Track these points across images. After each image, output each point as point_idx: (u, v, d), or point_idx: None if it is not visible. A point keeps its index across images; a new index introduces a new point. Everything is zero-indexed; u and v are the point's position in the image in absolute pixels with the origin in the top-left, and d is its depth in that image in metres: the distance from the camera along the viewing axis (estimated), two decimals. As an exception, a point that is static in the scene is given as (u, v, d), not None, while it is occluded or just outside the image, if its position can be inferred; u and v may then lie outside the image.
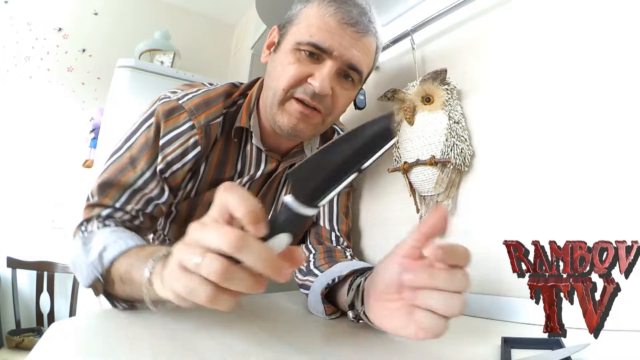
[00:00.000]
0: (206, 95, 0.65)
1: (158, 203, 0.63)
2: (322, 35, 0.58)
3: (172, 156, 0.61)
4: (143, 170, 0.60)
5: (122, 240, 0.50)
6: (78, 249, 0.53)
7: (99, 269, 0.48)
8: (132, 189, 0.60)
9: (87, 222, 0.58)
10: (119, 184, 0.59)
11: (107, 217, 0.59)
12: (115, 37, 2.24)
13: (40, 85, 2.08)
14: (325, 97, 0.60)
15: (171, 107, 0.62)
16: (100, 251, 0.49)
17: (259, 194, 0.72)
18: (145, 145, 0.61)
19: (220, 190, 0.32)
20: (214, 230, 0.30)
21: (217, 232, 0.30)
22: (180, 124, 0.62)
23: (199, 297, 0.30)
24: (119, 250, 0.48)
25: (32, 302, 1.82)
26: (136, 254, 0.47)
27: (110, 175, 0.60)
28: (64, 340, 0.39)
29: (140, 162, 0.60)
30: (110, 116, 1.70)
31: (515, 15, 0.68)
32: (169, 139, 0.61)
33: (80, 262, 0.51)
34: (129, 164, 0.60)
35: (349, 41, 0.59)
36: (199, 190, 0.68)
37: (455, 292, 0.33)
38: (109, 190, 0.59)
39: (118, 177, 0.60)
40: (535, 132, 0.61)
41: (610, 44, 0.54)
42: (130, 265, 0.45)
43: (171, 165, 0.62)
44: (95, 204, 0.59)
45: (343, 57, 0.59)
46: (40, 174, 2.02)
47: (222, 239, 0.29)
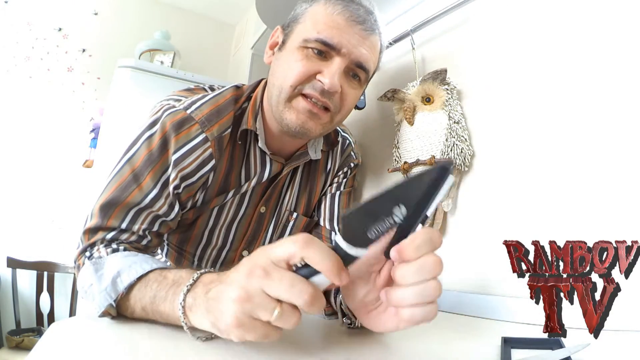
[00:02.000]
0: (215, 104, 0.62)
1: (165, 220, 0.59)
2: (331, 32, 0.57)
3: (187, 170, 0.58)
4: (149, 188, 0.57)
5: (137, 265, 0.47)
6: (90, 275, 0.49)
7: (113, 295, 0.45)
8: (137, 208, 0.56)
9: (91, 248, 0.54)
10: (123, 204, 0.55)
11: (111, 240, 0.55)
12: (115, 37, 2.24)
13: (40, 85, 2.08)
14: (334, 94, 0.59)
15: (180, 118, 0.58)
16: (114, 277, 0.46)
17: (263, 197, 0.72)
18: (149, 159, 0.57)
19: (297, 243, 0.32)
20: (287, 284, 0.31)
21: (293, 288, 0.31)
22: (193, 136, 0.59)
23: (271, 339, 0.33)
24: (135, 275, 0.45)
25: (32, 302, 1.82)
26: (157, 283, 0.44)
27: (112, 195, 0.56)
28: (64, 340, 0.39)
29: (145, 178, 0.56)
30: (110, 116, 1.70)
31: (515, 15, 0.68)
32: (183, 153, 0.58)
33: (92, 290, 0.48)
34: (133, 180, 0.56)
35: (357, 39, 0.59)
36: (206, 198, 0.66)
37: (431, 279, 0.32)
38: (112, 211, 0.55)
39: (122, 197, 0.55)
40: (535, 132, 0.61)
41: (610, 44, 0.54)
42: (154, 297, 0.43)
43: (185, 180, 0.59)
44: (98, 227, 0.55)
45: (351, 55, 0.59)
46: (40, 174, 2.02)
47: (299, 296, 0.31)
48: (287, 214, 0.75)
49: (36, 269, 1.82)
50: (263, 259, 0.33)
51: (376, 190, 0.31)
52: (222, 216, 0.70)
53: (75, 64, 2.17)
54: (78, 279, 0.53)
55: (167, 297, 0.41)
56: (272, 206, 0.74)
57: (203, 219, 0.69)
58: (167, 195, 0.58)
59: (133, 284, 0.45)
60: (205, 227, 0.70)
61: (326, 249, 0.32)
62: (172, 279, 0.43)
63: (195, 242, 0.72)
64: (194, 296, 0.38)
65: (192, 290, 0.38)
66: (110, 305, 0.45)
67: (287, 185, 0.74)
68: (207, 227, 0.70)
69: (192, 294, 0.38)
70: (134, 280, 0.45)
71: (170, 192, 0.58)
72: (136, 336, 0.41)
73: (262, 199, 0.72)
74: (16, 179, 1.98)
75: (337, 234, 0.34)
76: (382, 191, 0.30)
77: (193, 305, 0.37)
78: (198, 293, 0.37)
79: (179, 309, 0.38)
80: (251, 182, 0.68)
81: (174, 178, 0.58)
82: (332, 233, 0.76)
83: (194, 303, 0.37)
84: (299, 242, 0.32)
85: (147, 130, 0.59)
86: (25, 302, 1.84)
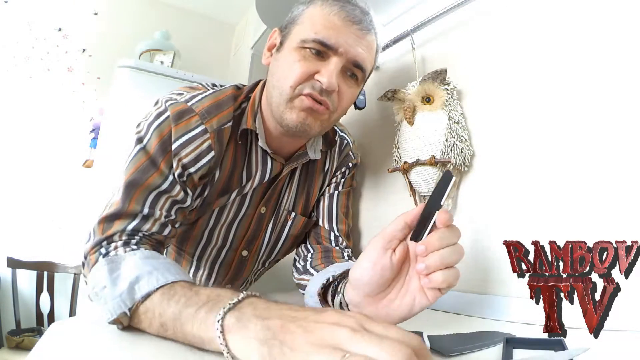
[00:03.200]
0: (215, 98, 0.63)
1: (182, 207, 0.60)
2: (328, 33, 0.58)
3: (187, 159, 0.59)
4: (166, 173, 0.57)
5: (158, 272, 0.43)
6: (103, 277, 0.45)
7: (128, 303, 0.41)
8: (157, 191, 0.56)
9: (107, 243, 0.50)
10: (144, 185, 0.55)
11: (132, 232, 0.52)
12: (115, 37, 2.24)
13: (40, 85, 2.08)
14: (332, 93, 0.60)
15: (180, 109, 0.59)
16: (132, 282, 0.42)
17: (264, 198, 0.72)
18: (162, 146, 0.58)
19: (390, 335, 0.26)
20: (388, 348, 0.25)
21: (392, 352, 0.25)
22: (192, 127, 0.59)
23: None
24: (156, 284, 0.41)
25: (32, 302, 1.82)
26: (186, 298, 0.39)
27: (133, 176, 0.55)
28: (64, 340, 0.39)
29: (161, 164, 0.57)
30: (110, 116, 1.70)
31: (515, 16, 0.68)
32: (182, 142, 0.58)
33: (105, 294, 0.43)
34: (151, 164, 0.57)
35: (353, 39, 0.59)
36: (209, 198, 0.66)
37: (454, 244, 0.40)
38: (134, 192, 0.54)
39: (143, 178, 0.55)
40: (535, 132, 0.61)
41: (609, 44, 0.54)
42: (179, 314, 0.37)
43: (186, 169, 0.59)
44: (118, 213, 0.52)
45: (348, 54, 0.59)
46: (40, 174, 2.02)
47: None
48: (285, 214, 0.76)
49: (36, 269, 1.82)
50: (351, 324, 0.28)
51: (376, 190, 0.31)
52: (223, 216, 0.70)
53: (75, 64, 2.17)
54: (88, 277, 0.48)
55: (198, 315, 0.35)
56: (272, 206, 0.74)
57: (204, 219, 0.69)
58: (179, 183, 0.59)
59: (151, 293, 0.41)
60: (205, 226, 0.70)
61: (422, 346, 0.26)
62: (207, 296, 0.38)
63: (195, 241, 0.72)
64: (239, 317, 0.32)
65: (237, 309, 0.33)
66: (124, 314, 0.41)
67: (285, 185, 0.75)
68: (208, 227, 0.70)
69: (234, 319, 0.32)
70: (153, 290, 0.41)
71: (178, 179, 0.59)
72: (136, 336, 0.41)
73: (262, 200, 0.72)
74: (16, 179, 1.98)
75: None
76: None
77: (234, 326, 0.32)
78: (246, 314, 0.32)
79: (216, 327, 0.32)
80: (253, 182, 0.68)
81: (177, 166, 0.58)
82: (330, 232, 0.76)
83: (237, 324, 0.32)
84: (393, 334, 0.26)
85: (155, 120, 0.59)
86: (25, 302, 1.84)
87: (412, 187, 0.76)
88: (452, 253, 0.40)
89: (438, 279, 0.39)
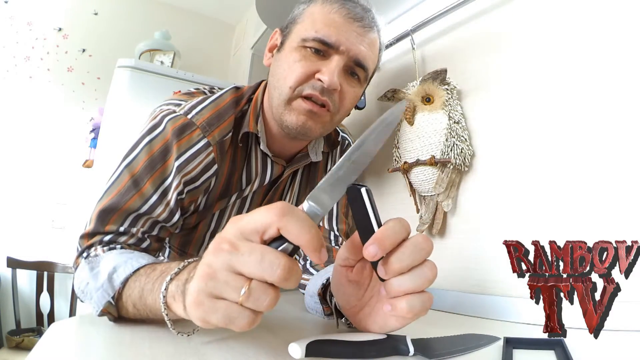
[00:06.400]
0: (216, 107, 0.62)
1: (165, 225, 0.58)
2: (328, 31, 0.57)
3: (190, 176, 0.58)
4: (149, 194, 0.55)
5: (133, 260, 0.45)
6: (85, 274, 0.48)
7: (110, 292, 0.43)
8: (136, 214, 0.55)
9: (88, 249, 0.53)
10: (122, 210, 0.54)
11: (109, 241, 0.53)
12: (115, 37, 2.24)
13: (40, 85, 2.08)
14: (334, 92, 0.59)
15: (182, 124, 0.58)
16: (110, 273, 0.44)
17: (264, 200, 0.71)
18: (150, 164, 0.56)
19: (273, 211, 0.29)
20: (256, 258, 0.28)
21: (263, 262, 0.27)
22: (195, 142, 0.58)
23: (239, 326, 0.28)
24: (131, 269, 0.43)
25: (32, 302, 1.82)
26: (146, 276, 0.42)
27: (111, 201, 0.54)
28: (64, 340, 0.39)
29: (145, 184, 0.55)
30: (110, 116, 1.70)
31: (515, 16, 0.68)
32: (186, 158, 0.57)
33: (89, 289, 0.46)
34: (132, 186, 0.55)
35: (355, 36, 0.58)
36: (208, 202, 0.66)
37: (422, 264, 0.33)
38: (110, 217, 0.54)
39: (121, 202, 0.54)
40: (535, 132, 0.61)
41: (610, 45, 0.54)
42: (141, 290, 0.40)
43: (189, 184, 0.58)
44: (95, 232, 0.54)
45: (350, 52, 0.58)
46: (40, 174, 2.02)
47: (271, 270, 0.27)
48: None
49: (36, 269, 1.82)
50: (232, 232, 0.29)
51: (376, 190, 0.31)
52: (223, 219, 0.70)
53: (75, 64, 2.17)
54: (74, 280, 0.52)
55: (154, 288, 0.38)
56: None
57: (205, 223, 0.69)
58: (168, 202, 0.57)
59: (128, 278, 0.43)
60: (207, 230, 0.70)
61: (307, 219, 0.29)
62: (160, 270, 0.40)
63: (197, 244, 0.72)
64: (177, 283, 0.34)
65: (176, 278, 0.35)
66: (109, 303, 0.43)
67: (287, 187, 0.74)
68: (209, 230, 0.70)
69: (176, 282, 0.35)
70: (130, 274, 0.43)
71: (171, 199, 0.57)
72: (136, 336, 0.41)
73: (263, 202, 0.72)
74: (16, 179, 1.98)
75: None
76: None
77: (175, 294, 0.34)
78: (181, 280, 0.34)
79: (160, 298, 0.35)
80: (253, 185, 0.68)
81: (177, 184, 0.57)
82: (330, 232, 0.76)
83: (176, 291, 0.34)
84: (275, 210, 0.29)
85: (147, 135, 0.57)
86: (25, 302, 1.84)
87: (412, 187, 0.76)
88: (418, 276, 0.32)
89: (403, 307, 0.33)
